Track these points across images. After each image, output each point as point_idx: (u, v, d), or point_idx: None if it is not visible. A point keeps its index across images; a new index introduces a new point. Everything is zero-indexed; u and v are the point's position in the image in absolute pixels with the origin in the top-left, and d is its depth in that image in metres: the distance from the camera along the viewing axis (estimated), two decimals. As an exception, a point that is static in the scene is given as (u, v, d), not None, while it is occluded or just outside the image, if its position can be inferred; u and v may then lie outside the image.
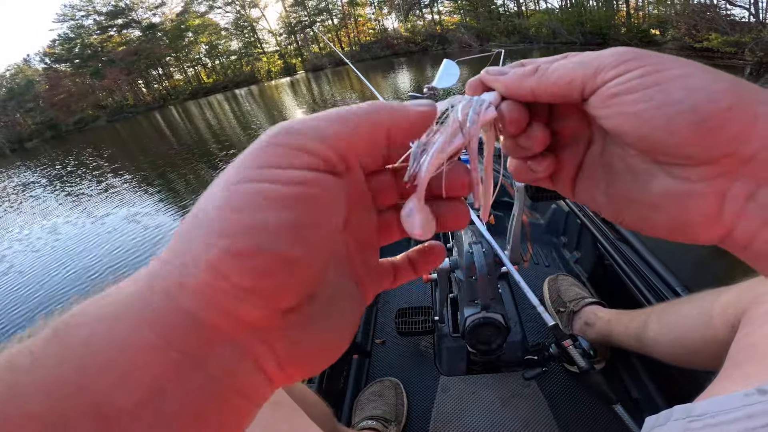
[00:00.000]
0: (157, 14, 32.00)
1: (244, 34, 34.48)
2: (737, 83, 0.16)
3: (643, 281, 0.91)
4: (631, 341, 0.77)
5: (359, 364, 1.04)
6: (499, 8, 29.83)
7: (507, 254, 0.86)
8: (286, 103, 13.43)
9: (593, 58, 0.18)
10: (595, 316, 0.90)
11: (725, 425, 0.37)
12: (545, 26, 21.69)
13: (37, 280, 3.61)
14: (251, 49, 34.85)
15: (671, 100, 0.16)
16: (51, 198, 7.01)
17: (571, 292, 1.02)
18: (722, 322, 0.55)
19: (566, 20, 20.73)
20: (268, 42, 35.10)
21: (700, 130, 0.16)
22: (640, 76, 0.17)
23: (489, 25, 27.69)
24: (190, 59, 33.87)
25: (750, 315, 0.49)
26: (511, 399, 0.87)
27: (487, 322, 0.78)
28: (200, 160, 7.09)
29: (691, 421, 0.40)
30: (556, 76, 0.19)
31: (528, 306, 0.89)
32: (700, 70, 0.17)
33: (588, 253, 1.15)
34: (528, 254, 1.29)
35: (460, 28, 29.42)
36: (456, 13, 32.62)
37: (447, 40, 29.53)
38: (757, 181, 0.16)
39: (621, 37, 17.05)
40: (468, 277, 0.82)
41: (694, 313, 0.63)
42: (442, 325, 0.99)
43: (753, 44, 9.49)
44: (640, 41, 15.91)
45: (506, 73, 0.21)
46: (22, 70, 30.45)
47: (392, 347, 1.08)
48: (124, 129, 19.23)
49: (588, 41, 18.37)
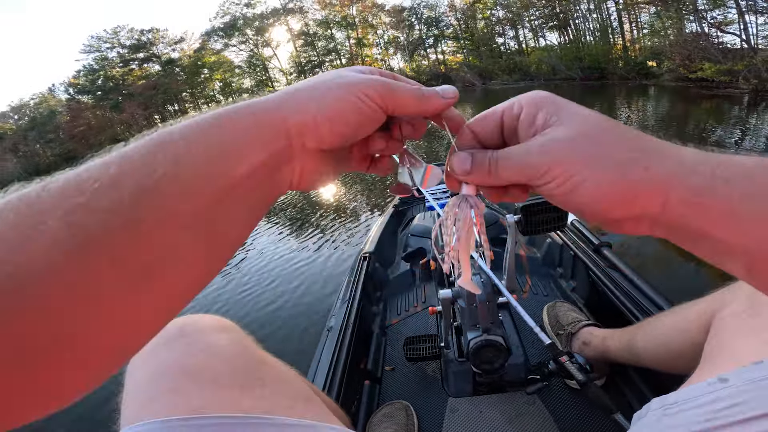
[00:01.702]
0: (176, 50, 33.71)
1: (257, 73, 36.01)
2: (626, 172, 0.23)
3: (633, 303, 0.99)
4: (624, 354, 0.85)
5: (371, 390, 1.09)
6: (500, 47, 30.90)
7: (504, 283, 0.95)
8: None
9: (525, 165, 0.25)
10: (591, 335, 0.97)
11: (694, 410, 0.43)
12: (545, 63, 22.18)
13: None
14: (263, 88, 36.23)
15: (582, 205, 0.24)
16: None
17: (568, 316, 1.10)
18: (697, 327, 0.62)
19: (565, 56, 21.25)
20: (279, 81, 36.54)
21: (605, 216, 0.24)
22: (557, 186, 0.24)
23: (491, 63, 28.56)
24: (204, 96, 35.18)
25: (718, 318, 0.57)
26: (517, 417, 0.93)
27: (489, 344, 0.86)
28: None
29: (666, 409, 0.46)
30: (504, 176, 0.26)
31: (529, 331, 0.96)
32: (599, 170, 0.23)
33: (582, 281, 1.24)
34: (527, 285, 1.38)
35: (463, 67, 30.22)
36: (459, 53, 33.83)
37: (451, 79, 30.42)
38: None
39: (618, 70, 17.33)
40: (469, 305, 0.90)
41: (674, 322, 0.71)
42: (447, 350, 1.05)
43: (746, 71, 9.52)
44: (638, 74, 16.27)
45: (470, 172, 0.27)
46: (46, 100, 31.71)
47: (401, 373, 1.14)
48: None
49: (587, 76, 18.87)
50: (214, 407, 0.36)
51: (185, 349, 0.41)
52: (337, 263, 3.15)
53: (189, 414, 0.34)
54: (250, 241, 3.79)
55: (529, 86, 20.84)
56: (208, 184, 0.20)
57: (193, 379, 0.38)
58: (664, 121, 7.55)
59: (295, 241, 3.82)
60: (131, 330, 0.19)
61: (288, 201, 5.38)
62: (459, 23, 33.28)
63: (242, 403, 0.37)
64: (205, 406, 0.35)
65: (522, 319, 0.90)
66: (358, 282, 1.36)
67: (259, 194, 0.23)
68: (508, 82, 24.04)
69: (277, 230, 4.12)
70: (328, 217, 4.34)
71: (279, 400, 0.41)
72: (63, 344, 0.16)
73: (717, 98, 9.64)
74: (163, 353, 0.40)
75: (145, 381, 0.38)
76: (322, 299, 2.64)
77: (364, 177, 5.65)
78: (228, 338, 0.45)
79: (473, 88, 26.48)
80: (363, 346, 1.22)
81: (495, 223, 1.63)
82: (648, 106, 10.04)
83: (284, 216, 4.59)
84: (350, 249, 3.36)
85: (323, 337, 1.12)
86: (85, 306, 0.16)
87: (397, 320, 1.36)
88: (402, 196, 0.63)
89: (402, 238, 1.98)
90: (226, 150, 0.21)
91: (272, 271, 3.25)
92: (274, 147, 0.23)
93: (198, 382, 0.38)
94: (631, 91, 13.62)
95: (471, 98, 19.67)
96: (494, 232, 1.59)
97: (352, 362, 1.05)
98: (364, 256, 1.54)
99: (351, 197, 4.91)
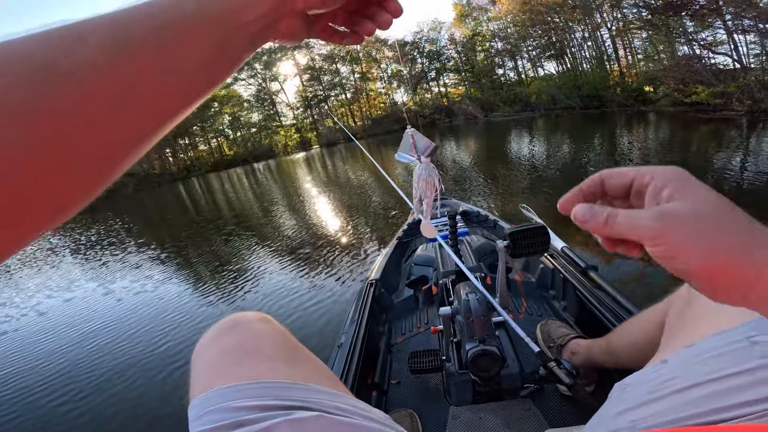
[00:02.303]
0: (187, 83, 34.76)
1: (264, 107, 36.99)
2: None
3: (616, 317, 1.11)
4: (605, 357, 0.96)
5: (378, 400, 1.18)
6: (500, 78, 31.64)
7: (497, 301, 1.08)
8: (300, 179, 13.94)
9: (639, 226, 0.28)
10: (578, 345, 1.08)
11: (642, 385, 0.52)
12: (544, 93, 22.46)
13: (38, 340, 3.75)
14: (270, 122, 37.21)
15: (680, 271, 0.27)
16: (77, 265, 7.13)
17: (559, 332, 1.21)
18: (656, 325, 0.73)
19: (563, 85, 21.54)
20: (286, 115, 37.60)
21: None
22: (664, 251, 0.27)
23: (492, 95, 28.95)
24: (214, 129, 36.03)
25: (670, 313, 0.68)
26: (515, 422, 1.01)
27: (485, 353, 0.96)
28: (218, 234, 7.38)
29: (623, 390, 0.57)
30: (617, 231, 0.29)
31: (524, 346, 1.06)
32: (703, 247, 0.25)
33: (572, 301, 1.35)
34: (523, 307, 1.49)
35: (465, 100, 30.64)
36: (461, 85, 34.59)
37: (453, 112, 30.84)
38: None
39: (617, 98, 17.46)
40: (467, 319, 1.02)
41: (639, 323, 0.83)
42: (448, 364, 1.13)
43: (739, 93, 9.49)
44: (635, 100, 16.33)
45: (587, 221, 0.30)
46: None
47: (406, 385, 1.23)
48: (149, 198, 20.14)
49: (586, 104, 19.00)
50: (269, 375, 0.48)
51: (243, 334, 0.54)
52: (345, 289, 3.41)
53: (251, 380, 0.46)
54: (285, 280, 4.06)
55: (529, 117, 21.00)
56: (222, 20, 0.26)
57: (251, 354, 0.51)
58: (667, 148, 7.60)
59: (306, 274, 4.08)
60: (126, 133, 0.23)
61: (302, 240, 5.67)
62: (459, 56, 34.34)
63: (288, 373, 0.49)
64: (261, 375, 0.47)
65: (518, 335, 1.01)
66: (366, 305, 1.46)
67: (252, 39, 0.29)
68: (509, 114, 24.43)
69: (296, 267, 4.39)
70: (336, 252, 4.62)
71: (311, 374, 0.53)
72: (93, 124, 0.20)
73: (714, 122, 9.72)
74: (226, 337, 0.53)
75: (213, 358, 0.51)
76: (332, 319, 2.92)
77: (375, 226, 5.82)
78: (271, 327, 0.58)
79: (475, 121, 26.96)
80: (370, 362, 1.30)
81: (492, 251, 1.77)
82: (649, 134, 10.13)
83: (301, 254, 4.83)
84: (359, 276, 3.61)
85: (334, 352, 1.22)
86: (121, 99, 0.21)
87: (401, 339, 1.46)
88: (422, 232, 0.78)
89: (406, 267, 2.08)
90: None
91: (288, 298, 3.55)
92: (276, 2, 0.29)
93: (255, 357, 0.51)
94: (631, 118, 13.71)
95: (474, 131, 20.00)
96: (491, 259, 1.72)
97: (360, 376, 1.14)
98: (371, 282, 1.64)
99: (359, 237, 5.13)
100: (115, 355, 3.13)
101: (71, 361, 3.19)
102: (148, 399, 2.46)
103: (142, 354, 3.06)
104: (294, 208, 8.48)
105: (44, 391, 2.80)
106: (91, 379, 2.85)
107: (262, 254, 5.17)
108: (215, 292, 4.16)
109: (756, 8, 11.37)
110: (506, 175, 7.11)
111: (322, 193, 9.71)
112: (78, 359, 3.21)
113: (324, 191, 10.00)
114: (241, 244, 6.24)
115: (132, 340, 3.34)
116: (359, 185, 9.41)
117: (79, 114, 0.20)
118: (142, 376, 2.73)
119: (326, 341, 2.57)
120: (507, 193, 5.78)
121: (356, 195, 8.22)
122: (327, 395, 0.48)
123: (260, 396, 0.44)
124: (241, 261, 5.09)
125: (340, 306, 3.07)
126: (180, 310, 3.82)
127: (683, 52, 14.95)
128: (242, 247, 5.95)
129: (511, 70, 31.79)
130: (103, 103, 0.20)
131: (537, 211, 2.17)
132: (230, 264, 5.09)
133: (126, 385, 2.65)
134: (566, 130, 13.79)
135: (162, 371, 2.74)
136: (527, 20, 26.67)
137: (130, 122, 0.22)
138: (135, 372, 2.81)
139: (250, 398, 0.43)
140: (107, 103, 0.21)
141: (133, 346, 3.22)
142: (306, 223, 6.64)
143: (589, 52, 23.99)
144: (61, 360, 3.25)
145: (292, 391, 0.46)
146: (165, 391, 2.49)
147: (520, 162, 8.48)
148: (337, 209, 7.40)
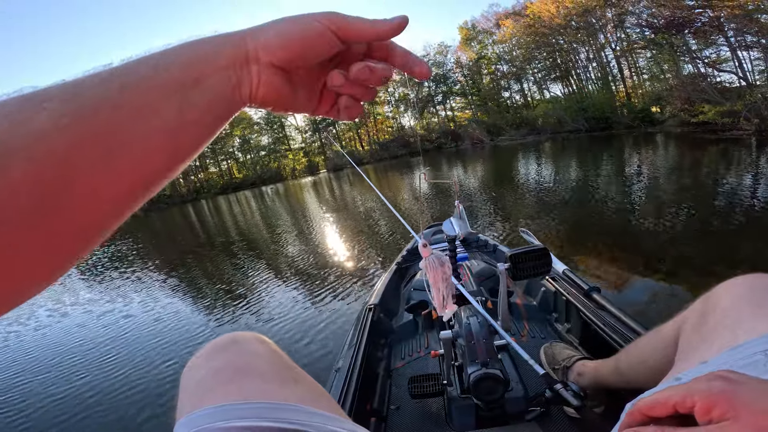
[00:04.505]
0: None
1: (274, 130, 37.59)
2: None
3: (621, 337, 1.08)
4: (614, 378, 0.93)
5: (376, 426, 1.15)
6: (506, 101, 31.87)
7: (499, 323, 1.06)
8: (307, 203, 13.98)
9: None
10: (585, 366, 1.05)
11: None
12: (551, 115, 22.42)
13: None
14: (279, 146, 37.77)
15: None
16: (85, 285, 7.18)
17: (563, 353, 1.19)
18: (669, 342, 0.70)
19: (569, 107, 21.50)
20: (295, 139, 38.17)
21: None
22: None
23: (498, 118, 28.93)
24: (224, 152, 36.61)
25: (684, 328, 0.66)
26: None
27: (488, 376, 0.94)
28: (225, 256, 7.45)
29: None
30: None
31: (529, 369, 1.03)
32: None
33: (576, 322, 1.33)
34: (525, 330, 1.47)
35: (471, 124, 30.62)
36: (467, 108, 34.88)
37: (460, 136, 30.87)
38: None
39: (623, 119, 17.32)
40: (468, 342, 1.00)
41: (650, 341, 0.80)
42: (450, 388, 1.11)
43: (746, 111, 9.32)
44: (642, 121, 16.15)
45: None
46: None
47: (406, 410, 1.19)
48: (159, 219, 20.34)
49: (592, 127, 18.74)
50: (261, 396, 0.47)
51: (237, 353, 0.53)
52: (343, 314, 3.45)
53: (242, 400, 0.45)
54: (290, 299, 4.15)
55: (536, 140, 20.76)
56: (180, 79, 0.25)
57: (243, 374, 0.50)
58: (677, 171, 7.49)
59: (310, 296, 4.14)
60: (95, 201, 0.22)
61: (307, 263, 5.77)
62: (466, 79, 34.84)
63: (281, 394, 0.48)
64: (253, 395, 0.46)
65: (521, 358, 0.99)
66: (365, 329, 1.44)
67: (220, 95, 0.27)
68: (516, 137, 24.32)
69: (298, 292, 4.42)
70: (338, 275, 4.68)
71: (307, 395, 0.52)
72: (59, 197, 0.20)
73: (723, 141, 9.62)
74: (219, 356, 0.53)
75: (204, 377, 0.50)
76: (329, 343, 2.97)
77: (378, 249, 5.90)
78: (266, 347, 0.57)
79: (482, 145, 26.91)
80: (369, 388, 1.27)
81: (492, 275, 1.76)
82: (658, 156, 10.00)
83: (305, 276, 4.88)
84: (361, 298, 3.63)
85: (332, 376, 1.20)
86: (75, 168, 0.20)
87: (401, 364, 1.43)
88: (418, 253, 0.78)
89: (405, 292, 2.06)
90: (196, 56, 0.26)
91: (292, 319, 3.59)
92: (236, 53, 0.27)
93: (248, 377, 0.50)
94: (638, 139, 13.59)
95: (480, 156, 19.95)
96: (492, 283, 1.71)
97: (359, 401, 1.10)
98: (369, 307, 1.62)
99: (361, 260, 5.15)
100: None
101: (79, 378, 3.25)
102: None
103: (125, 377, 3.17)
104: (301, 231, 8.56)
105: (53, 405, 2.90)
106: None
107: (267, 276, 5.22)
108: (217, 312, 4.25)
109: (757, 23, 11.36)
110: (513, 202, 7.04)
111: (328, 217, 9.80)
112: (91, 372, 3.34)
113: (329, 215, 10.10)
114: (247, 265, 6.30)
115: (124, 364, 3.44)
116: (365, 210, 9.45)
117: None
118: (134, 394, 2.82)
119: (325, 363, 2.62)
120: (512, 218, 5.72)
121: (361, 219, 8.27)
122: (322, 418, 0.47)
123: (251, 417, 0.43)
124: (245, 282, 5.16)
125: (341, 329, 3.10)
126: (178, 329, 3.92)
127: (688, 70, 14.89)
128: (248, 269, 6.00)
129: (517, 92, 32.09)
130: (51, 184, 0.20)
131: (541, 235, 2.17)
132: (234, 284, 5.15)
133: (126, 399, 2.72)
134: (573, 153, 13.74)
135: (148, 396, 2.79)
136: (531, 42, 27.00)
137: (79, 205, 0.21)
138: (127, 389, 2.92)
139: (240, 419, 0.42)
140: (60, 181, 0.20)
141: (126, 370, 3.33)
142: (310, 246, 6.70)
143: (594, 73, 24.12)
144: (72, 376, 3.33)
145: (285, 413, 0.45)
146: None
147: (527, 188, 8.40)
148: (341, 232, 7.48)
